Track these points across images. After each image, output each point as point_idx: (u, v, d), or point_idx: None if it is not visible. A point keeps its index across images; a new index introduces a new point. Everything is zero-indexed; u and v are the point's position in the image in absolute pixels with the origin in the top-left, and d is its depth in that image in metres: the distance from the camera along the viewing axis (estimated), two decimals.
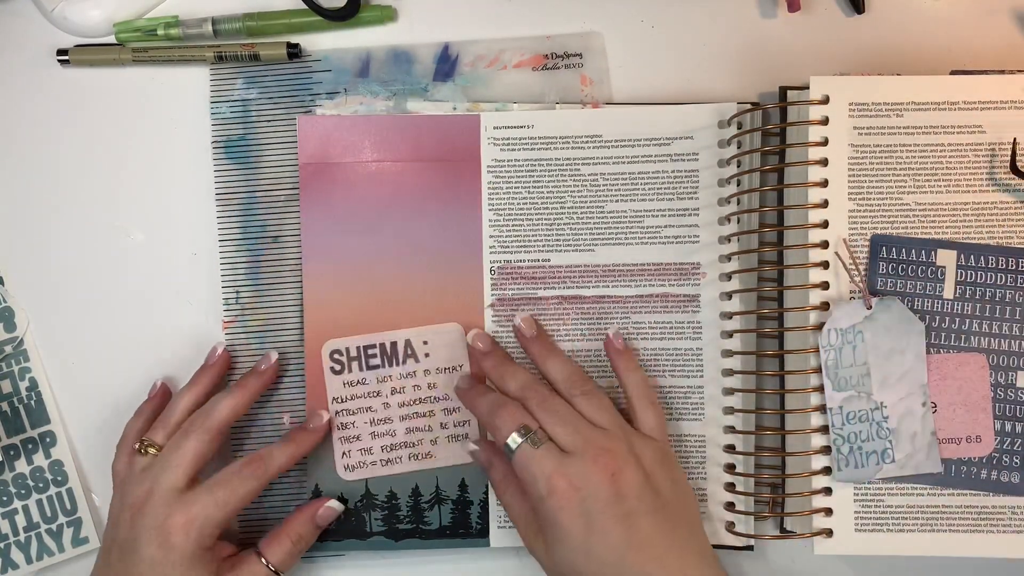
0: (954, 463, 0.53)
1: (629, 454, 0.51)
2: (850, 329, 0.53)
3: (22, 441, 0.60)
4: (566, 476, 0.50)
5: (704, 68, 0.59)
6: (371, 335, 0.58)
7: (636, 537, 0.49)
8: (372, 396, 0.58)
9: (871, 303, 0.53)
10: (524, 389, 0.54)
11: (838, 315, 0.53)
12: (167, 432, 0.55)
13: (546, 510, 0.50)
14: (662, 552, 0.49)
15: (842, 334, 0.53)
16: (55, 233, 0.60)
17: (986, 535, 0.54)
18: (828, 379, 0.53)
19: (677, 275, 0.57)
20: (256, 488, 0.53)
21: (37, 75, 0.60)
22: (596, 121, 0.58)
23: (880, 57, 0.59)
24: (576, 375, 0.54)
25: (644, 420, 0.54)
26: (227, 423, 0.55)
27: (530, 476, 0.50)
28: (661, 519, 0.50)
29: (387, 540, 0.58)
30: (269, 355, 0.58)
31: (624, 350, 0.56)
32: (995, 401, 0.54)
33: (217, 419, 0.54)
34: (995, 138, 0.54)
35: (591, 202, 0.58)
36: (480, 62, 0.59)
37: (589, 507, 0.49)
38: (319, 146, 0.58)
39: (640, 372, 0.55)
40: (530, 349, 0.57)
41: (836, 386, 0.53)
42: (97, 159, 0.60)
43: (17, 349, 0.60)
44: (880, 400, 0.53)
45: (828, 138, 0.54)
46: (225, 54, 0.58)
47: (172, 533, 0.51)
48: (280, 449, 0.55)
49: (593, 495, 0.49)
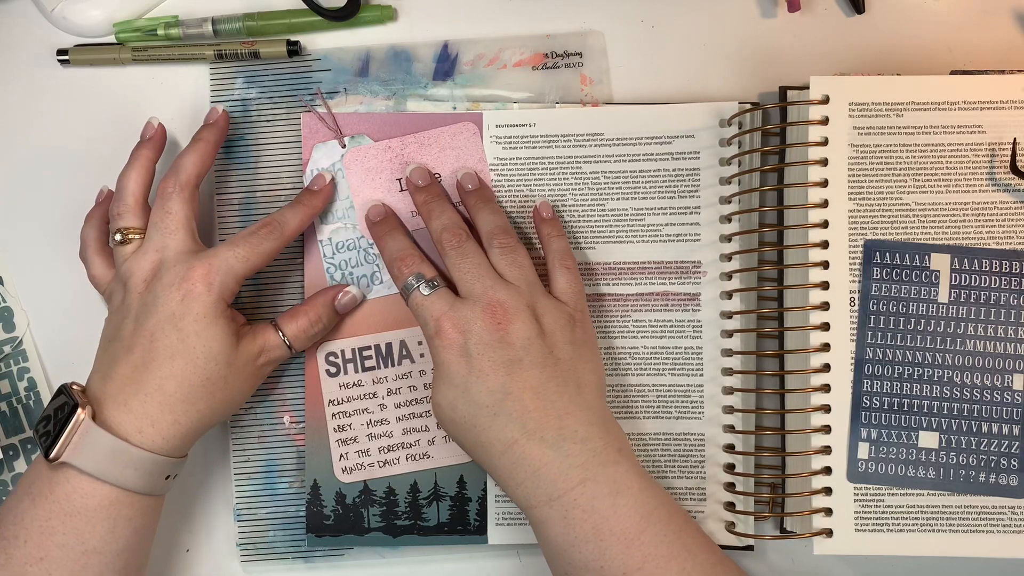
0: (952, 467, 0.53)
1: (524, 308, 0.51)
2: (330, 167, 0.58)
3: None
4: (452, 319, 0.50)
5: (704, 68, 0.59)
6: (366, 336, 0.58)
7: (516, 385, 0.49)
8: (368, 398, 0.58)
9: (344, 142, 0.56)
10: (444, 230, 0.53)
11: (317, 156, 0.58)
12: (136, 214, 0.54)
13: (433, 350, 0.51)
14: (543, 404, 0.49)
15: (324, 171, 0.57)
16: (55, 233, 0.60)
17: (986, 535, 0.54)
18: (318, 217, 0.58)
19: (678, 273, 0.57)
20: (274, 248, 0.54)
21: (37, 75, 0.61)
22: (597, 119, 0.58)
23: (880, 57, 0.59)
24: (500, 228, 0.54)
25: (556, 282, 0.54)
26: (198, 178, 0.54)
27: (421, 318, 0.52)
28: (549, 375, 0.50)
29: (385, 536, 0.57)
30: (216, 108, 0.57)
31: (550, 219, 0.56)
32: (992, 404, 0.54)
33: (187, 175, 0.54)
34: (995, 138, 0.54)
35: (592, 200, 0.58)
36: (480, 61, 0.59)
37: (471, 348, 0.50)
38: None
39: (564, 240, 0.55)
40: (467, 200, 0.56)
41: (324, 220, 0.58)
42: (97, 159, 0.60)
43: (16, 349, 0.60)
44: (363, 231, 0.57)
45: (828, 138, 0.54)
46: (225, 52, 0.58)
47: (195, 283, 0.51)
48: (292, 211, 0.55)
49: (476, 338, 0.50)
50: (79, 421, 0.48)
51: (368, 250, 0.58)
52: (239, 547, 0.59)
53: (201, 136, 0.56)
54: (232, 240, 0.53)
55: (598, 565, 0.48)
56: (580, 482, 0.48)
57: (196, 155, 0.54)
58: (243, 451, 0.59)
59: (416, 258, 0.54)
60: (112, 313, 0.53)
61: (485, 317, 0.50)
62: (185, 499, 0.59)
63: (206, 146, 0.55)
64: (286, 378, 0.59)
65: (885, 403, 0.54)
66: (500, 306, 0.50)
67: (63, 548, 0.49)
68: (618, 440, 0.51)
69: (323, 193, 0.57)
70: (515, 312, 0.50)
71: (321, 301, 0.56)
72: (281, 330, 0.55)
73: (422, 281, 0.52)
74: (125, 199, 0.54)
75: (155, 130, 0.57)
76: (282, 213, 0.55)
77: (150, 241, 0.53)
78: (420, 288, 0.52)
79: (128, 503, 0.50)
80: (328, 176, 0.57)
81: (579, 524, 0.48)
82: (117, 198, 0.54)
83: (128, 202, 0.54)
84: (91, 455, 0.48)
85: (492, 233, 0.54)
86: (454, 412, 0.50)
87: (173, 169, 0.54)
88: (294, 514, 0.59)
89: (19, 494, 0.50)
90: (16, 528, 0.49)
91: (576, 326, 0.52)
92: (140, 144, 0.56)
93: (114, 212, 0.54)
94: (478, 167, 0.57)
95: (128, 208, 0.54)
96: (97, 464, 0.49)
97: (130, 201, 0.54)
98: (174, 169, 0.54)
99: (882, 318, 0.54)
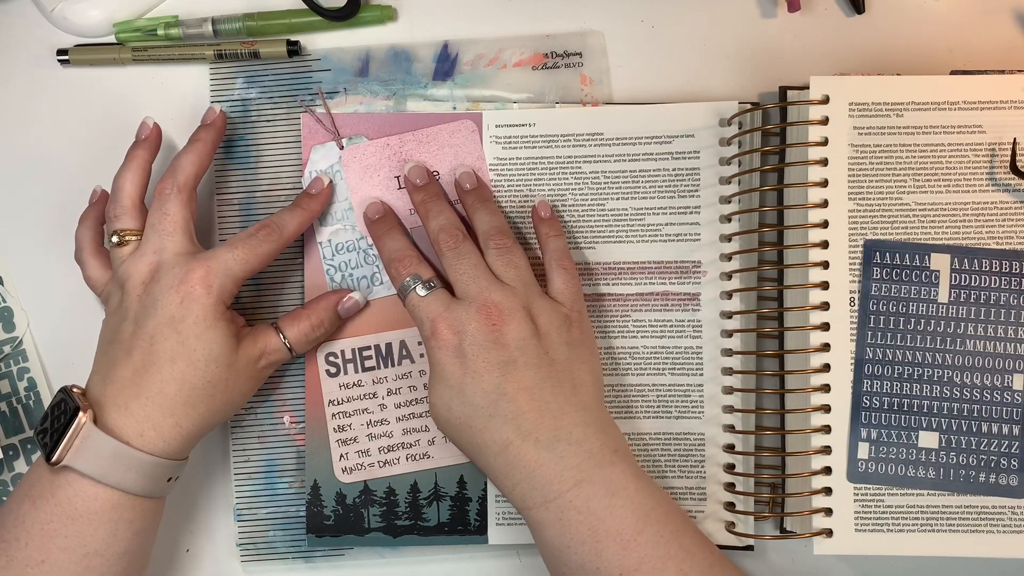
0: (952, 467, 0.53)
1: (520, 309, 0.51)
2: (328, 168, 0.58)
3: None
4: (448, 320, 0.50)
5: (704, 68, 0.59)
6: (366, 336, 0.58)
7: (511, 386, 0.49)
8: (368, 398, 0.58)
9: (342, 144, 0.56)
10: (441, 231, 0.53)
11: (315, 158, 0.58)
12: (133, 215, 0.54)
13: (429, 350, 0.51)
14: (538, 405, 0.49)
15: (323, 174, 0.57)
16: (55, 233, 0.60)
17: (986, 535, 0.54)
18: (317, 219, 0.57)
19: (678, 273, 0.57)
20: (272, 251, 0.54)
21: (37, 75, 0.61)
22: (597, 119, 0.58)
23: (880, 57, 0.59)
24: (496, 228, 0.54)
25: (553, 283, 0.54)
26: (195, 179, 0.54)
27: (418, 319, 0.52)
28: (544, 375, 0.50)
29: (385, 536, 0.57)
30: (213, 108, 0.57)
31: (548, 218, 0.56)
32: (992, 404, 0.54)
33: (185, 176, 0.53)
34: (995, 138, 0.54)
35: (592, 200, 0.58)
36: (480, 61, 0.59)
37: (466, 349, 0.50)
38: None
39: (562, 240, 0.55)
40: (465, 200, 0.56)
41: (324, 222, 0.58)
42: (97, 159, 0.60)
43: (16, 349, 0.60)
44: (363, 232, 0.58)
45: (828, 138, 0.54)
46: (225, 52, 0.58)
47: (194, 285, 0.51)
48: (290, 214, 0.55)
49: (471, 339, 0.50)
50: (80, 425, 0.48)
51: (368, 251, 0.58)
52: (239, 547, 0.59)
53: (199, 136, 0.55)
54: (231, 242, 0.53)
55: (594, 566, 0.48)
56: (576, 484, 0.48)
57: (194, 156, 0.54)
58: (243, 451, 0.59)
59: (414, 258, 0.54)
60: (110, 315, 0.53)
61: (480, 318, 0.50)
62: (185, 499, 0.59)
63: (204, 146, 0.55)
64: (286, 378, 0.59)
65: (885, 403, 0.54)
66: (495, 307, 0.50)
67: (65, 551, 0.49)
68: (614, 441, 0.50)
69: (321, 196, 0.57)
70: (510, 313, 0.50)
71: (324, 305, 0.56)
72: (282, 332, 0.55)
73: (419, 282, 0.52)
74: (121, 200, 0.54)
75: (150, 130, 0.56)
76: (280, 216, 0.55)
77: (148, 243, 0.52)
78: (417, 289, 0.52)
79: (130, 506, 0.50)
80: (326, 179, 0.57)
81: (575, 526, 0.48)
82: (113, 199, 0.54)
83: (125, 203, 0.54)
84: (93, 459, 0.48)
85: (489, 234, 0.53)
86: (450, 413, 0.50)
87: (171, 170, 0.54)
88: (294, 514, 0.59)
89: (19, 496, 0.50)
90: (17, 531, 0.49)
91: (572, 327, 0.52)
92: (136, 144, 0.56)
93: (111, 214, 0.54)
94: (476, 165, 0.57)
95: (125, 210, 0.54)
96: (99, 467, 0.49)
97: (127, 203, 0.54)
98: (171, 170, 0.54)
99: (882, 318, 0.54)
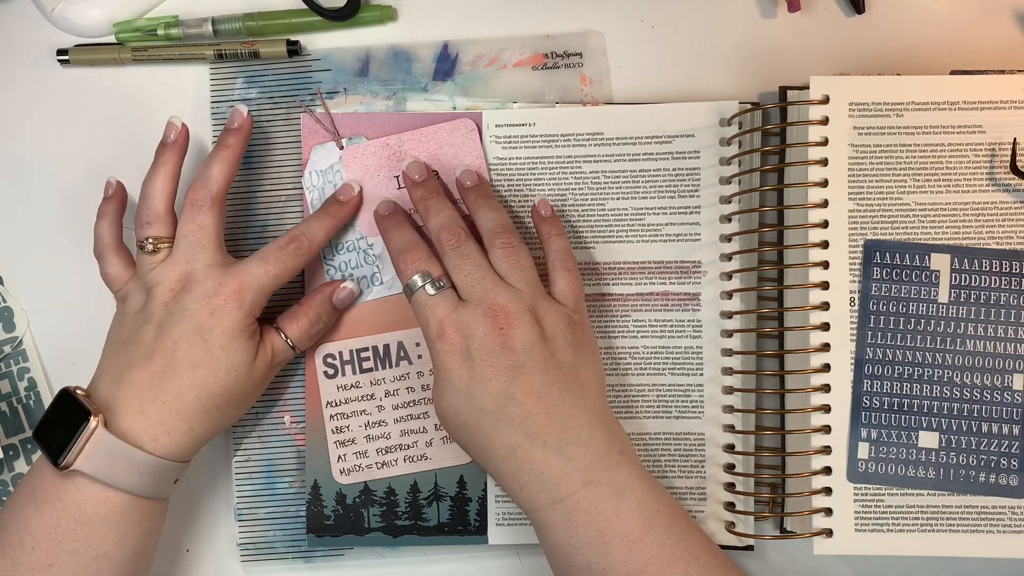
0: (952, 467, 0.53)
1: (526, 312, 0.50)
2: (329, 169, 0.57)
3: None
4: (455, 323, 0.50)
5: (704, 68, 0.59)
6: (364, 338, 0.58)
7: (519, 390, 0.49)
8: (366, 399, 0.58)
9: (342, 144, 0.56)
10: (443, 229, 0.53)
11: (316, 158, 0.58)
12: (166, 222, 0.53)
13: (435, 353, 0.50)
14: (546, 408, 0.49)
15: (322, 175, 0.58)
16: (55, 233, 0.60)
17: (986, 535, 0.54)
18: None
19: (678, 273, 0.57)
20: (301, 264, 0.54)
21: (37, 75, 0.61)
22: (598, 119, 0.58)
23: (880, 57, 0.59)
24: (501, 226, 0.53)
25: (556, 284, 0.53)
26: (227, 188, 0.54)
27: (423, 320, 0.51)
28: (551, 378, 0.50)
29: (385, 536, 0.57)
30: (239, 109, 0.55)
31: (549, 217, 0.55)
32: (992, 404, 0.54)
33: (218, 187, 0.53)
34: (995, 138, 0.54)
35: (592, 200, 0.58)
36: (480, 61, 0.59)
37: (473, 353, 0.49)
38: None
39: (564, 240, 0.54)
40: (467, 197, 0.55)
41: None
42: (97, 159, 0.60)
43: (16, 349, 0.60)
44: (363, 231, 0.58)
45: (828, 138, 0.54)
46: (225, 52, 0.58)
47: (227, 299, 0.51)
48: (318, 223, 0.55)
49: (479, 343, 0.49)
50: (91, 429, 0.48)
51: (368, 251, 0.58)
52: (239, 547, 0.59)
53: (227, 143, 0.54)
54: (262, 255, 0.53)
55: (601, 567, 0.48)
56: (583, 485, 0.48)
57: (224, 165, 0.54)
58: (243, 451, 0.59)
59: (423, 254, 0.53)
60: (127, 316, 0.53)
61: (487, 322, 0.50)
62: (186, 499, 0.59)
63: (232, 154, 0.54)
64: (287, 378, 0.59)
65: (885, 403, 0.54)
66: (502, 310, 0.50)
67: (73, 555, 0.49)
68: (620, 442, 0.50)
69: (350, 204, 0.56)
70: (517, 317, 0.50)
71: (319, 299, 0.56)
72: (283, 332, 0.55)
73: (428, 280, 0.52)
74: (155, 207, 0.53)
75: (179, 132, 0.55)
76: (308, 225, 0.54)
77: (179, 251, 0.52)
78: (426, 287, 0.51)
79: (138, 508, 0.50)
80: (356, 186, 0.57)
81: (582, 527, 0.48)
82: (144, 205, 0.54)
83: (158, 210, 0.53)
84: (104, 462, 0.48)
85: (494, 232, 0.53)
86: (457, 417, 0.50)
87: (202, 180, 0.53)
88: (294, 514, 0.59)
89: (22, 499, 0.50)
90: (22, 535, 0.49)
91: (575, 328, 0.52)
92: (164, 147, 0.55)
93: (142, 219, 0.53)
94: (476, 164, 0.57)
95: (158, 216, 0.53)
96: (110, 471, 0.48)
97: (160, 208, 0.53)
98: (203, 180, 0.53)
99: (882, 318, 0.54)
